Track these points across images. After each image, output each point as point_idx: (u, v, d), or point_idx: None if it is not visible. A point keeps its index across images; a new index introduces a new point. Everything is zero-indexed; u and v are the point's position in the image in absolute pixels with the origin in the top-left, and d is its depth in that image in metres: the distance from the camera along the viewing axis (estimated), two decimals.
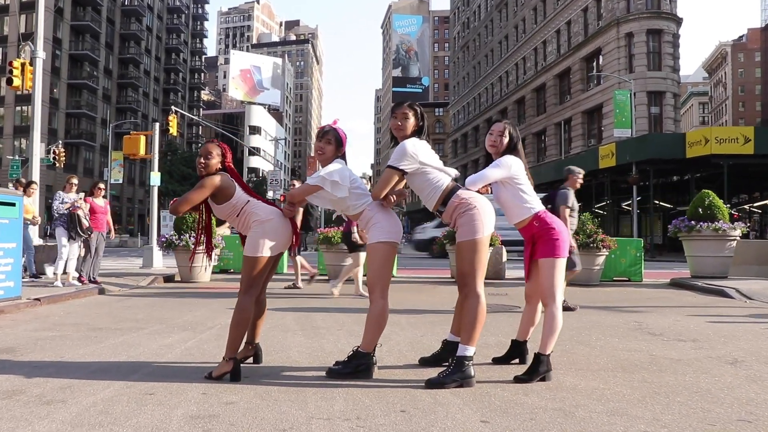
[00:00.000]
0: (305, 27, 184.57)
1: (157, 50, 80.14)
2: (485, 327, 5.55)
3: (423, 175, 4.05)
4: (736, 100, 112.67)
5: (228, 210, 4.14)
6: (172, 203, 4.07)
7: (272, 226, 4.09)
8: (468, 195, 4.03)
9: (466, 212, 3.97)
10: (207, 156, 4.14)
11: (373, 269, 4.04)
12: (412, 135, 4.17)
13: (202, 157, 4.18)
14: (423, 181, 4.07)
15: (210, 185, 4.04)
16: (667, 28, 42.83)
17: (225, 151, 4.24)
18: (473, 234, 3.94)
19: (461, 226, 4.00)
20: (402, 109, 4.20)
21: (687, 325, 6.47)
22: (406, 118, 4.18)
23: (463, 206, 3.99)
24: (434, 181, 4.05)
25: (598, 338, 5.61)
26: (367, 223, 4.11)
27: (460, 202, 4.00)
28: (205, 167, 4.14)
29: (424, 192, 4.10)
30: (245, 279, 4.07)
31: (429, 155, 4.08)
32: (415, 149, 4.01)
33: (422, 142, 4.13)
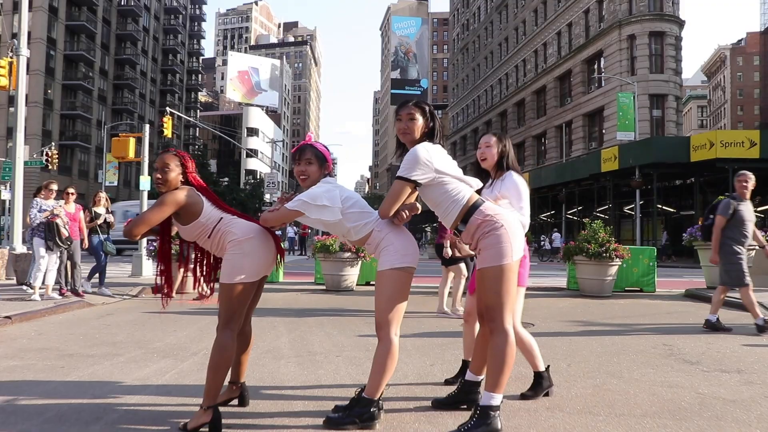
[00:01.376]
0: (304, 28, 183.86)
1: (153, 51, 79.40)
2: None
3: (439, 187, 3.39)
4: (735, 104, 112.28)
5: (197, 230, 3.49)
6: (126, 224, 3.39)
7: (252, 246, 3.44)
8: (494, 211, 3.38)
9: (491, 232, 3.32)
10: (164, 169, 3.48)
11: (384, 301, 3.39)
12: (422, 139, 3.51)
13: (158, 171, 3.50)
14: (439, 194, 3.40)
15: (171, 202, 3.36)
16: (670, 30, 42.31)
17: (185, 160, 3.57)
18: (500, 259, 3.29)
19: (485, 249, 3.34)
20: (407, 110, 3.53)
21: (722, 350, 5.85)
22: (412, 119, 3.50)
23: (487, 225, 3.34)
24: (453, 194, 3.39)
25: (629, 368, 4.98)
26: (377, 247, 3.45)
27: (484, 220, 3.35)
28: (164, 183, 3.47)
29: (440, 207, 3.44)
30: (224, 311, 3.42)
31: (445, 162, 3.42)
32: (429, 155, 3.33)
33: (436, 146, 3.45)
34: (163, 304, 3.75)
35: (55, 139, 54.68)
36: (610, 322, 7.87)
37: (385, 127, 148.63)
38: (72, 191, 10.02)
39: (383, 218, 3.45)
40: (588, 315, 8.57)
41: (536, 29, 56.74)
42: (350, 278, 12.39)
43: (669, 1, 42.91)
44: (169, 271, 3.73)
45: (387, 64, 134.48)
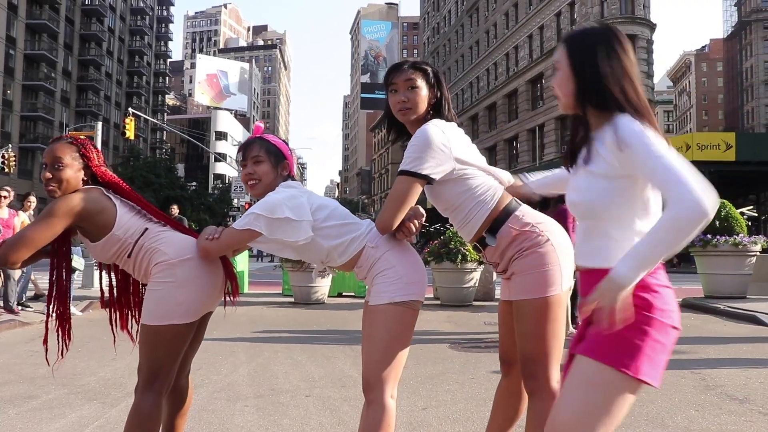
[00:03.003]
0: (273, 32, 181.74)
1: (119, 52, 77.20)
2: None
3: (460, 183, 2.38)
4: (700, 109, 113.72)
5: (112, 248, 2.41)
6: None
7: (190, 271, 2.38)
8: (535, 218, 2.39)
9: (531, 250, 2.32)
10: (55, 166, 2.40)
11: (378, 350, 2.33)
12: (428, 115, 2.50)
13: (47, 169, 2.41)
14: (459, 193, 2.39)
15: (65, 211, 2.28)
16: (642, 33, 42.15)
17: (86, 150, 2.48)
18: (544, 289, 2.27)
19: (521, 273, 2.33)
20: (404, 74, 2.47)
21: (766, 380, 4.96)
22: (413, 86, 2.47)
23: (526, 238, 2.33)
24: (478, 192, 2.38)
25: (669, 410, 4.04)
26: (370, 271, 2.41)
27: (521, 232, 2.34)
28: (58, 185, 2.40)
29: (459, 211, 2.41)
30: (146, 365, 2.39)
31: (466, 146, 2.41)
32: (446, 138, 2.32)
33: (451, 124, 2.45)
34: (58, 357, 2.68)
35: (14, 142, 52.56)
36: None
37: (355, 131, 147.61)
38: (5, 194, 8.79)
39: (383, 233, 2.39)
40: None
41: (507, 32, 56.29)
42: (321, 290, 11.37)
43: (640, 5, 42.79)
44: (66, 313, 2.65)
45: (357, 68, 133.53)
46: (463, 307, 10.31)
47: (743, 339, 7.13)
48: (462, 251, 10.46)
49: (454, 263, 10.39)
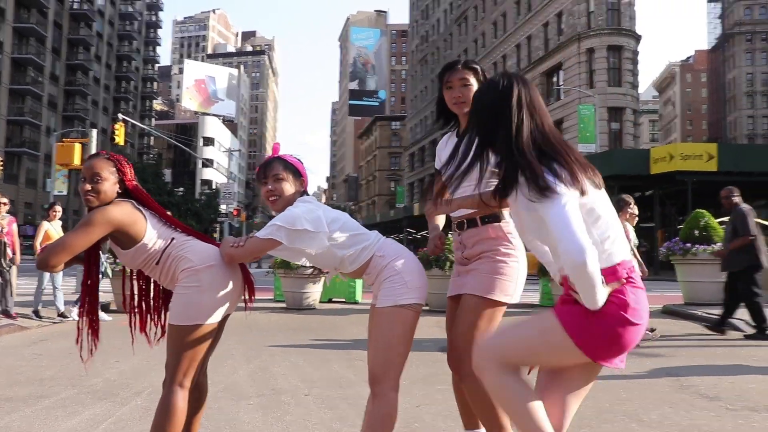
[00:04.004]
0: (262, 38, 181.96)
1: (107, 57, 77.07)
2: None
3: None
4: (685, 119, 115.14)
5: (141, 257, 2.67)
6: (40, 252, 2.55)
7: (213, 276, 2.65)
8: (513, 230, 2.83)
9: (500, 258, 2.84)
10: (94, 179, 2.64)
11: (383, 347, 2.64)
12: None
13: (87, 181, 2.65)
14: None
15: (103, 222, 2.53)
16: (627, 44, 42.78)
17: (121, 165, 2.74)
18: (496, 293, 2.79)
19: (480, 273, 2.82)
20: (458, 74, 2.90)
21: (736, 380, 5.28)
22: (466, 84, 2.89)
23: (503, 245, 2.83)
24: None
25: (645, 407, 4.34)
26: (377, 277, 2.71)
27: (499, 237, 2.83)
28: (97, 196, 2.65)
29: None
30: (174, 363, 2.63)
31: None
32: None
33: None
34: (83, 360, 2.92)
35: (0, 146, 52.39)
36: None
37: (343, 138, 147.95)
38: (5, 201, 8.96)
39: (433, 216, 2.85)
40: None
41: (495, 41, 56.91)
42: (312, 296, 11.62)
43: (626, 16, 43.40)
44: (95, 314, 2.89)
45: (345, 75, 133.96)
46: None
47: (718, 343, 7.47)
48: (450, 258, 10.74)
49: (442, 270, 10.66)
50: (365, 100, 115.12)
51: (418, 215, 57.35)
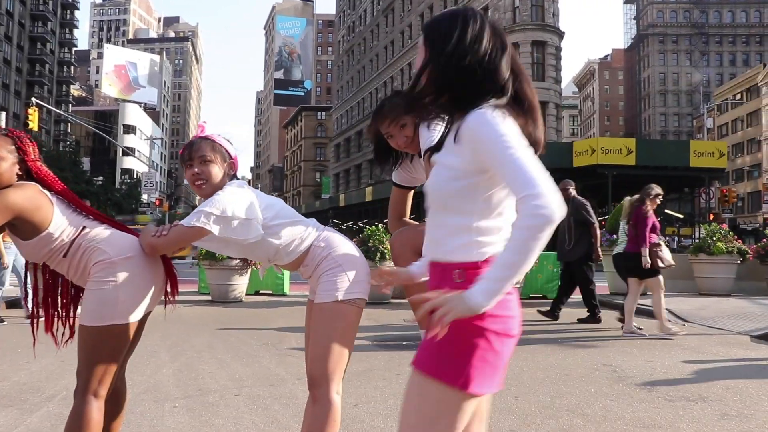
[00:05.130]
0: (185, 24, 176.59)
1: (19, 38, 72.75)
2: None
3: None
4: (603, 115, 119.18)
5: (45, 248, 2.32)
6: None
7: (131, 269, 2.33)
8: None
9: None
10: None
11: (323, 347, 2.40)
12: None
13: None
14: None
15: (1, 209, 2.18)
16: (551, 40, 43.79)
17: (22, 143, 2.38)
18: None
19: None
20: (391, 124, 2.67)
21: (667, 370, 5.33)
22: (403, 125, 2.66)
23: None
24: None
25: (587, 401, 4.28)
26: (315, 269, 2.47)
27: None
28: None
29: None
30: (86, 368, 2.30)
31: None
32: None
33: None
34: None
35: None
36: (530, 335, 7.26)
37: (268, 128, 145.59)
38: None
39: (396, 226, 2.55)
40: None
41: (422, 33, 57.10)
42: (239, 288, 11.20)
43: (550, 13, 44.41)
44: None
45: (271, 64, 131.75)
46: (382, 304, 10.41)
47: (646, 332, 7.59)
48: (381, 249, 10.58)
49: (372, 261, 10.48)
50: (291, 89, 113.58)
51: (343, 206, 57.09)
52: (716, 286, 11.82)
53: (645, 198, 7.42)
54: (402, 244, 2.52)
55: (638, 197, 7.62)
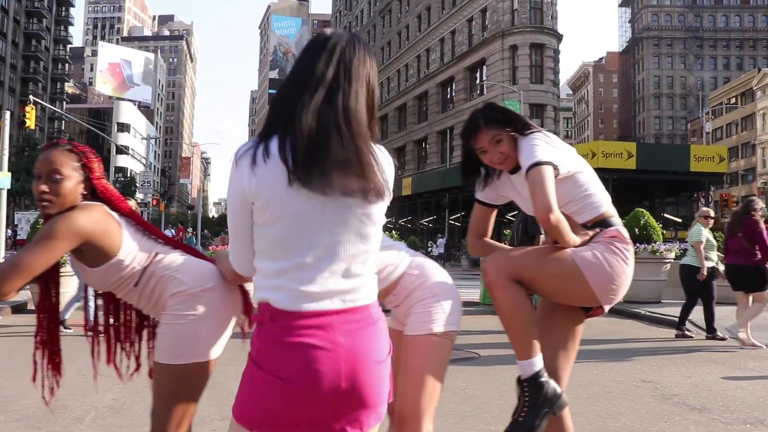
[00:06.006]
0: (180, 23, 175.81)
1: (14, 34, 72.05)
2: None
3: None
4: (597, 117, 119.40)
5: (115, 276, 2.11)
6: None
7: (212, 300, 2.11)
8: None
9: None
10: (53, 177, 2.07)
11: (416, 381, 2.23)
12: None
13: (42, 180, 2.08)
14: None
15: (68, 233, 1.96)
16: (549, 43, 43.71)
17: (87, 159, 2.18)
18: None
19: None
20: (486, 136, 2.45)
21: (711, 387, 5.19)
22: (499, 140, 2.44)
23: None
24: None
25: (638, 421, 4.14)
26: (407, 298, 2.31)
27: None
28: (56, 199, 2.08)
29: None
30: (165, 411, 2.07)
31: None
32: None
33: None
34: (46, 402, 2.35)
35: None
36: None
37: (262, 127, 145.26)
38: None
39: (550, 221, 2.24)
40: None
41: (419, 35, 56.98)
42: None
43: (548, 16, 44.35)
44: (56, 344, 2.32)
45: (265, 64, 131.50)
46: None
47: (673, 344, 7.48)
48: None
49: None
50: None
51: None
52: (731, 294, 11.69)
53: (751, 210, 7.29)
54: (498, 271, 2.37)
55: (742, 209, 7.48)
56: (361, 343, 1.49)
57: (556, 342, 2.48)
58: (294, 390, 1.45)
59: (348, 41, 1.62)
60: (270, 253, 1.51)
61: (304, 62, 1.59)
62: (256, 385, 1.50)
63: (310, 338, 1.45)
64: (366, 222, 1.54)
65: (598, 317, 2.57)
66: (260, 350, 1.50)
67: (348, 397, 1.47)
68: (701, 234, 7.78)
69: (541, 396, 2.29)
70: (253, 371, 1.51)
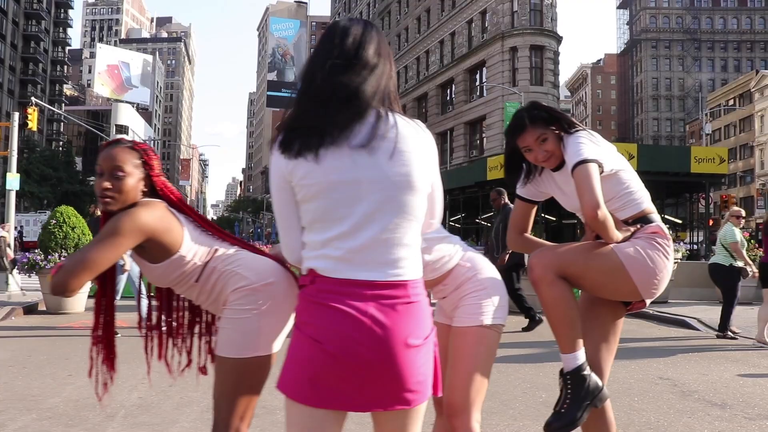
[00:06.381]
0: (178, 25, 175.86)
1: (13, 36, 71.97)
2: None
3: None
4: (595, 119, 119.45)
5: (175, 272, 2.14)
6: (55, 272, 1.94)
7: (273, 295, 2.13)
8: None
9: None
10: (116, 174, 2.11)
11: (468, 372, 2.28)
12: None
13: (105, 177, 2.11)
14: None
15: (133, 229, 2.00)
16: (549, 45, 43.81)
17: (148, 157, 2.21)
18: None
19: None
20: (532, 135, 2.51)
21: (729, 384, 5.25)
22: (544, 139, 2.50)
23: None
24: None
25: (663, 416, 4.19)
26: (458, 289, 2.36)
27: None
28: (119, 196, 2.12)
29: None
30: (229, 404, 2.10)
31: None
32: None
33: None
34: (98, 397, 2.40)
35: None
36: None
37: (260, 129, 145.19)
38: None
39: (596, 218, 2.29)
40: (538, 334, 7.81)
41: (419, 37, 57.08)
42: None
43: (548, 18, 44.45)
44: (111, 340, 2.37)
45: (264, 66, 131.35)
46: None
47: (685, 343, 7.54)
48: None
49: None
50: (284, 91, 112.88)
51: None
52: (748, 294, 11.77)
53: None
54: (544, 267, 2.42)
55: None
56: (393, 319, 1.54)
57: (598, 336, 2.55)
58: (328, 353, 1.53)
59: (366, 25, 1.76)
60: (313, 225, 1.62)
61: (326, 45, 1.70)
62: (296, 351, 1.59)
63: (342, 304, 1.54)
64: (407, 190, 1.61)
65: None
66: (299, 311, 1.65)
67: (379, 370, 1.52)
68: (735, 234, 7.88)
69: (583, 389, 2.35)
70: (294, 336, 1.63)
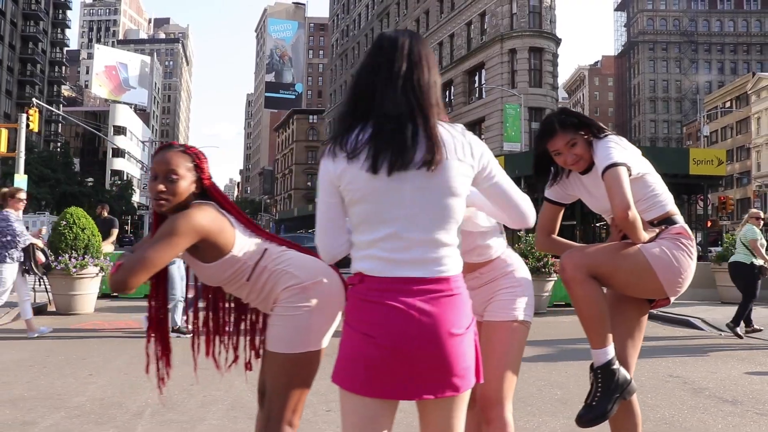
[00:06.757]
0: (176, 26, 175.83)
1: (11, 37, 71.93)
2: None
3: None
4: None
5: (228, 271, 2.25)
6: (114, 271, 2.03)
7: (323, 293, 2.24)
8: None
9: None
10: (170, 177, 2.20)
11: (501, 365, 2.37)
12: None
13: (159, 179, 2.22)
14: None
15: (189, 230, 2.10)
16: (548, 47, 43.96)
17: (199, 160, 2.30)
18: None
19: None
20: (561, 139, 2.59)
21: (738, 381, 5.36)
22: (574, 144, 2.58)
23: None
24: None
25: (678, 412, 4.30)
26: (493, 282, 2.48)
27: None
28: (173, 198, 2.22)
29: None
30: (282, 398, 2.20)
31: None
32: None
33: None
34: (159, 389, 2.49)
35: None
36: (578, 343, 7.25)
37: (258, 130, 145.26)
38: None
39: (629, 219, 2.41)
40: (545, 334, 7.93)
41: None
42: None
43: (547, 20, 44.60)
44: (166, 337, 2.48)
45: (261, 67, 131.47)
46: None
47: (691, 342, 7.65)
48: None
49: None
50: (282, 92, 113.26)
51: None
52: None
53: None
54: (575, 267, 2.52)
55: None
56: (438, 310, 1.68)
57: (625, 332, 2.65)
58: (381, 346, 1.66)
59: (413, 37, 1.86)
60: (360, 227, 1.76)
61: (374, 58, 1.84)
62: (347, 346, 1.72)
63: (390, 300, 1.68)
64: (447, 194, 1.74)
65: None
66: (348, 309, 1.77)
67: (429, 359, 1.66)
68: (755, 233, 8.07)
69: (613, 382, 2.46)
70: (345, 332, 1.75)
